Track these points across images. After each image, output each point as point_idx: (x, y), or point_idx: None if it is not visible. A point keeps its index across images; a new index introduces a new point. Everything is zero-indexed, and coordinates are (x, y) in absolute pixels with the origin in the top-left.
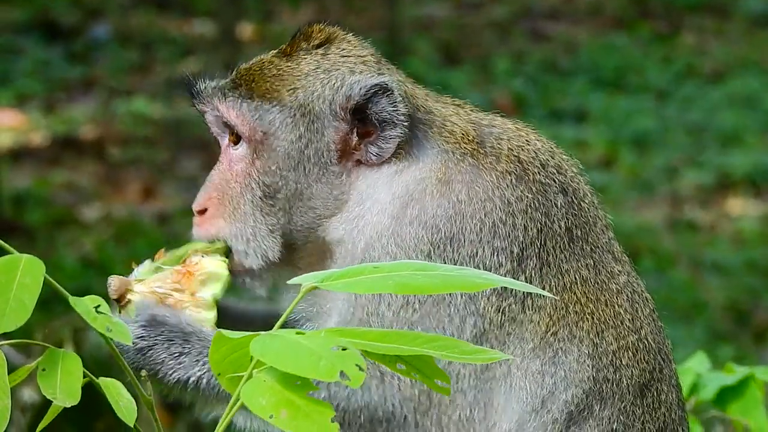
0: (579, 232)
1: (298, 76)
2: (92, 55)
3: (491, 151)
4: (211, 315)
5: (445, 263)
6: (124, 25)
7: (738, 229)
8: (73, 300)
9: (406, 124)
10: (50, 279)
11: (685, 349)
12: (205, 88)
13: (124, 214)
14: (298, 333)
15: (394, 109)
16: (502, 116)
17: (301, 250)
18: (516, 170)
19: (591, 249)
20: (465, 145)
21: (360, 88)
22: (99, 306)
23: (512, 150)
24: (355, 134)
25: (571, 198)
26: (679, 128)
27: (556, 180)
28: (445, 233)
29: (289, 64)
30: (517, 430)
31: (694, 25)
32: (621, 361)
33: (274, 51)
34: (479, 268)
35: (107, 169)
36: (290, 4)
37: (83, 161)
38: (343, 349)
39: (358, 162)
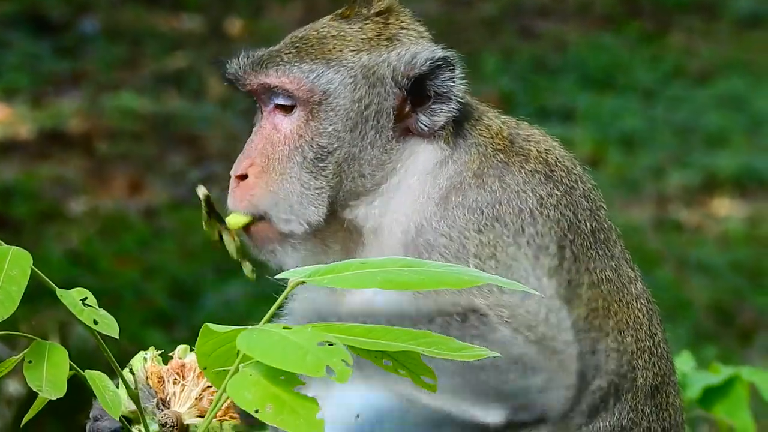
0: (602, 236)
1: (362, 38)
2: (80, 49)
3: (520, 151)
4: None
5: (497, 241)
6: (112, 20)
7: (724, 230)
8: (60, 292)
9: (461, 100)
10: (37, 271)
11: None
12: (246, 62)
13: (111, 208)
14: (284, 328)
15: (453, 84)
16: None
17: (331, 234)
18: (544, 171)
19: (611, 254)
20: (498, 141)
21: (425, 59)
22: (86, 298)
23: (540, 153)
24: (408, 102)
25: (592, 205)
26: (667, 128)
27: (579, 186)
28: (488, 214)
29: (350, 26)
30: None
31: (682, 25)
32: (638, 362)
33: (330, 15)
34: (532, 243)
35: (94, 164)
36: (278, 0)
37: (70, 155)
38: (330, 345)
39: (407, 131)
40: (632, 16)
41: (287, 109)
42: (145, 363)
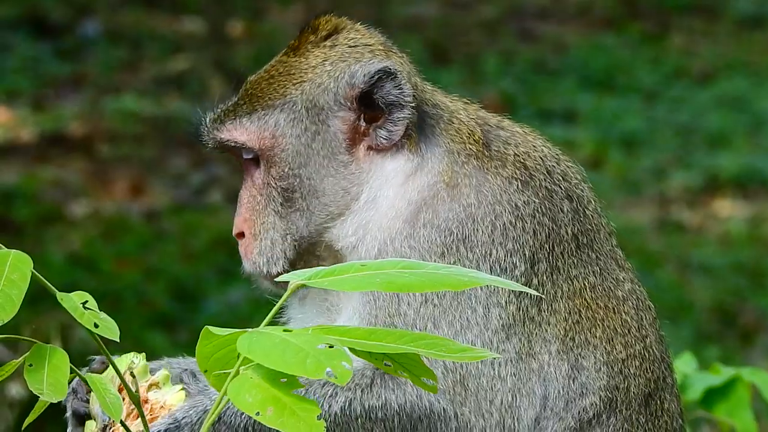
0: (585, 239)
1: (305, 69)
2: (81, 52)
3: (497, 155)
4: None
5: (461, 263)
6: (113, 23)
7: (725, 231)
8: (60, 296)
9: (412, 105)
10: (38, 275)
11: (671, 349)
12: (205, 126)
13: (112, 210)
14: (285, 330)
15: (400, 91)
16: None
17: (316, 258)
18: (522, 176)
19: (596, 256)
20: (470, 146)
21: (363, 75)
22: (86, 302)
23: (518, 156)
24: (362, 120)
25: (576, 205)
26: (668, 129)
27: (562, 186)
28: (457, 235)
29: (296, 58)
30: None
31: (683, 26)
32: (629, 369)
33: (282, 51)
34: (495, 269)
35: (95, 166)
36: (279, 2)
37: (71, 158)
38: (330, 347)
39: (369, 149)
40: (632, 17)
41: (256, 161)
42: (128, 367)
